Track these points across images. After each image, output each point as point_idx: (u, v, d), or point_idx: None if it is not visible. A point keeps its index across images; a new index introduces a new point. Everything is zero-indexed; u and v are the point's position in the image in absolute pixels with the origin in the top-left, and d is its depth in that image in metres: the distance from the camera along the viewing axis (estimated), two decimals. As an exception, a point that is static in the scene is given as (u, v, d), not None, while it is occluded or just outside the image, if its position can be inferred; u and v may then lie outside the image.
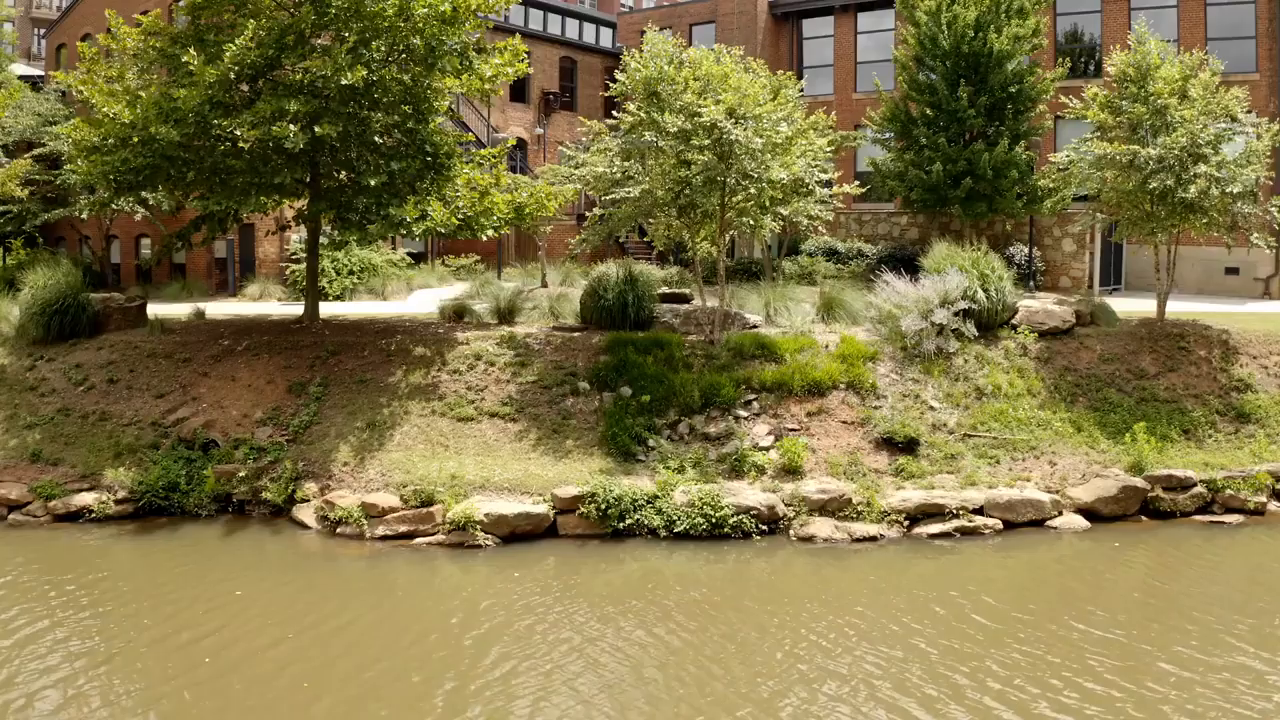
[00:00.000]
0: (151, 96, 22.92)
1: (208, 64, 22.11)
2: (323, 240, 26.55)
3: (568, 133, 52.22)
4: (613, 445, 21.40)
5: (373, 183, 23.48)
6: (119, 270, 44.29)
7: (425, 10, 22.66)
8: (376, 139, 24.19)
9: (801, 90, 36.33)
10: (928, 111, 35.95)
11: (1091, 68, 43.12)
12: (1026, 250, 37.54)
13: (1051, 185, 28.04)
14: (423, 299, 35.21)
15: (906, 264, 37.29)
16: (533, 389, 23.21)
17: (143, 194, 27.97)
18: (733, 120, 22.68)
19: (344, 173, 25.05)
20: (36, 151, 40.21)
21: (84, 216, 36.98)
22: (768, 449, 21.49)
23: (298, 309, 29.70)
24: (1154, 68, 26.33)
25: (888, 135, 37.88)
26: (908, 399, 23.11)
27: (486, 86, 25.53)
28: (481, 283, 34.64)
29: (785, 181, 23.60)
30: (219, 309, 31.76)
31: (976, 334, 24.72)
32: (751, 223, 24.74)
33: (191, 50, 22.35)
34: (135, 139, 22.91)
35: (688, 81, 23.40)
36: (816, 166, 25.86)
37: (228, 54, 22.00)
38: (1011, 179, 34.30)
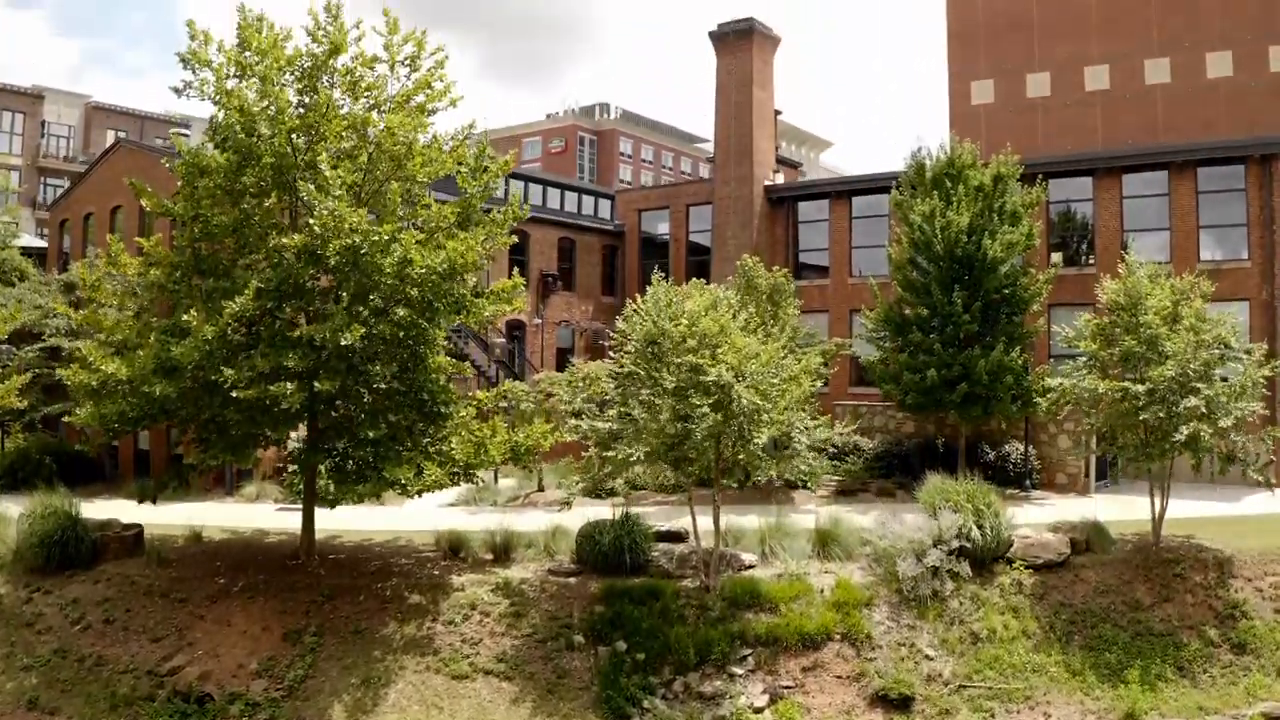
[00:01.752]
0: (151, 350, 23.20)
1: (207, 321, 22.40)
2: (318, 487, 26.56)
3: (565, 313, 52.71)
4: (608, 709, 21.29)
5: (371, 434, 23.71)
6: (116, 455, 44.28)
7: (423, 270, 23.00)
8: (375, 385, 24.39)
9: (798, 319, 37.17)
10: (922, 312, 36.24)
11: (1084, 247, 43.77)
12: (1022, 448, 37.67)
13: (1046, 404, 28.25)
14: (420, 504, 35.29)
15: (902, 463, 37.51)
16: (528, 643, 23.12)
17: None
18: (735, 376, 22.98)
19: (341, 409, 25.12)
20: (38, 346, 40.57)
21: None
22: (762, 710, 21.38)
23: (294, 518, 29.54)
24: (1144, 296, 26.62)
25: (882, 335, 38.18)
26: (903, 648, 23.04)
27: (485, 321, 25.92)
28: (480, 487, 34.77)
29: (776, 432, 23.79)
30: (215, 515, 31.83)
31: (971, 573, 24.72)
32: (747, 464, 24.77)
33: (193, 311, 22.65)
34: (133, 388, 23.23)
35: (685, 337, 23.68)
36: (805, 413, 25.98)
37: (227, 311, 22.31)
38: (1007, 384, 34.50)
